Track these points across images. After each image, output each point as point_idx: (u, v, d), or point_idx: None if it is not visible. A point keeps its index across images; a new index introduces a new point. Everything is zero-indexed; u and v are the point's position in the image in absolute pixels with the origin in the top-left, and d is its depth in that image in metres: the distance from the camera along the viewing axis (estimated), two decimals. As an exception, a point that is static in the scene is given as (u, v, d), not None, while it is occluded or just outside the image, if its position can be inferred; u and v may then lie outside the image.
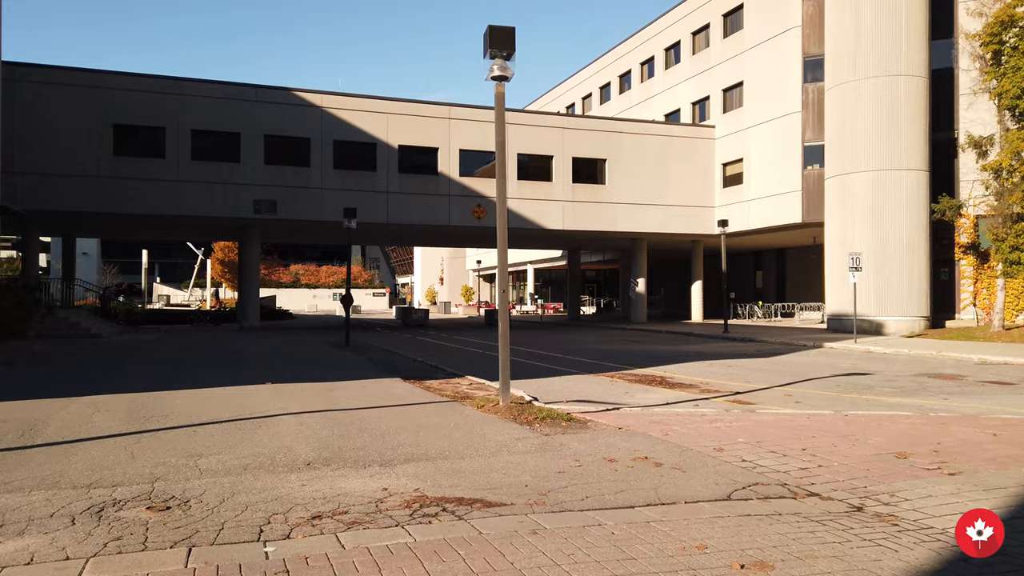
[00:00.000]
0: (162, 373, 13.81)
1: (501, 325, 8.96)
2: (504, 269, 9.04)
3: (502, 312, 9.01)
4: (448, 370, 14.98)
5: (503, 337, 9.00)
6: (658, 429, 8.11)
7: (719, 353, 21.49)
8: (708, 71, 39.48)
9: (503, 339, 9.00)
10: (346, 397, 10.15)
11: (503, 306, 9.03)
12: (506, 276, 8.96)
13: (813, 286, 41.81)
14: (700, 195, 38.48)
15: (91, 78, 30.32)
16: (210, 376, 13.11)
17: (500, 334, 8.96)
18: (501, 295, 8.92)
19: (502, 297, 8.97)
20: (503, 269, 9.06)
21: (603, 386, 13.73)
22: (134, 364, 15.88)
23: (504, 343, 8.97)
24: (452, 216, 34.65)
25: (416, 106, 34.57)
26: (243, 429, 7.55)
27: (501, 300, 8.98)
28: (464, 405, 9.60)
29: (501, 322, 8.99)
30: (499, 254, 9.01)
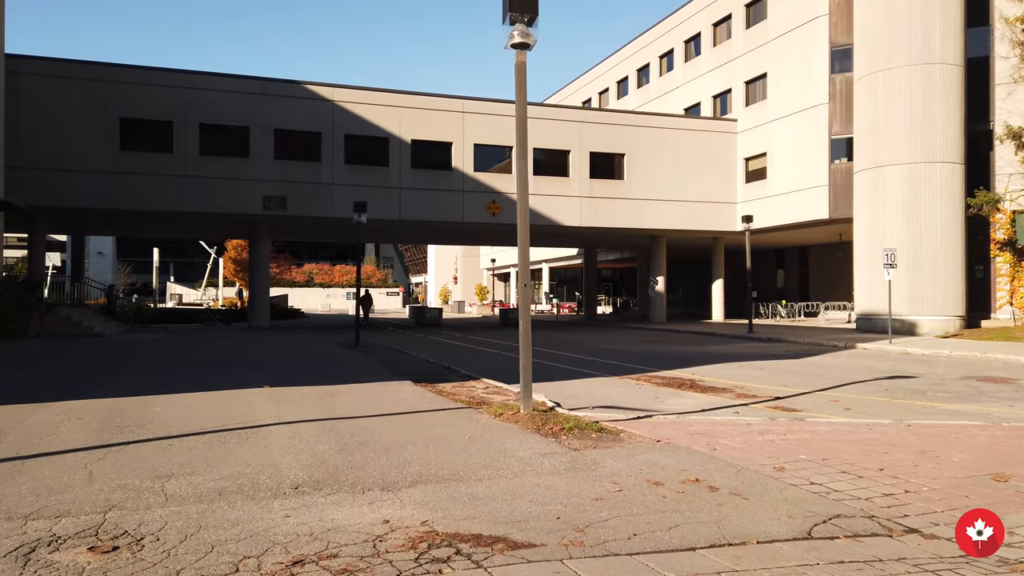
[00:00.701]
0: (153, 375, 12.89)
1: (522, 324, 7.96)
2: (525, 259, 8.03)
3: (524, 310, 8.00)
4: (462, 372, 14.00)
5: (524, 336, 8.00)
6: (703, 442, 7.08)
7: (746, 354, 20.39)
8: (730, 63, 38.30)
9: (524, 339, 7.99)
10: (349, 403, 9.18)
11: (524, 303, 8.02)
12: (527, 268, 7.96)
13: (838, 285, 40.54)
14: (721, 191, 37.31)
15: (98, 71, 29.58)
16: (205, 379, 12.19)
17: (521, 333, 7.96)
18: (523, 290, 7.91)
19: (524, 293, 7.96)
20: (524, 259, 8.05)
21: (629, 390, 12.70)
22: (128, 365, 14.98)
23: (526, 344, 7.97)
24: (466, 213, 33.69)
25: (430, 99, 33.64)
26: (227, 442, 6.58)
27: (523, 296, 7.97)
28: (480, 413, 8.60)
29: (522, 320, 7.99)
30: (520, 243, 8.01)
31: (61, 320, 23.22)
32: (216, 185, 30.70)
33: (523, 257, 8.00)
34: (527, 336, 7.97)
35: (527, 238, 7.93)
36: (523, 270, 8.01)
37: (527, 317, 7.91)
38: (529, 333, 7.92)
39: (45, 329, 22.25)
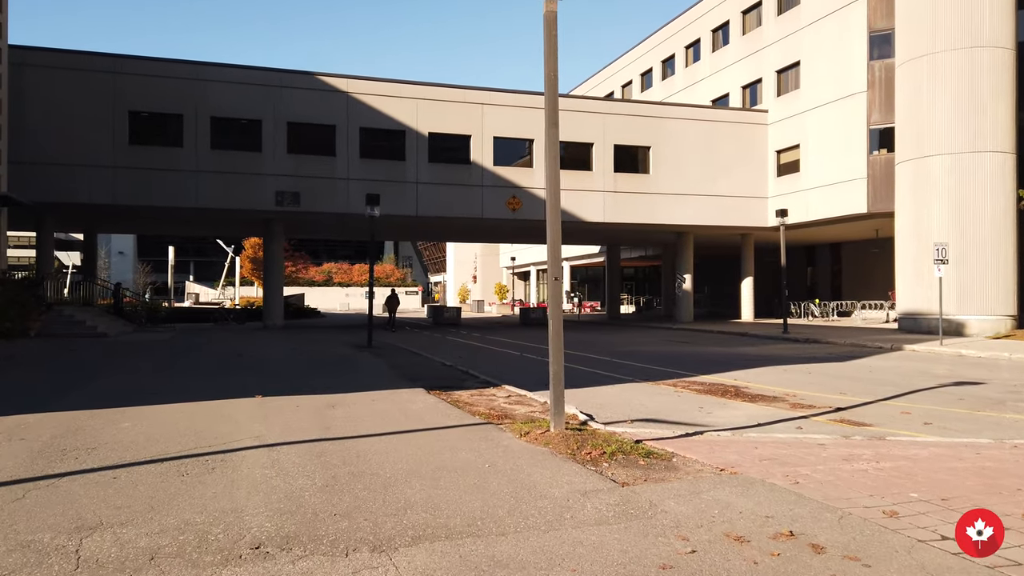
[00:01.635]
0: (139, 381, 11.68)
1: (552, 325, 6.63)
2: (556, 247, 6.69)
3: (554, 308, 6.65)
4: (481, 377, 12.69)
5: (555, 339, 6.66)
6: (778, 472, 5.72)
7: (786, 356, 18.92)
8: (760, 52, 36.69)
9: (555, 343, 6.66)
10: (349, 418, 7.90)
11: (555, 301, 6.67)
12: (558, 258, 6.63)
13: (874, 283, 38.81)
14: (751, 185, 35.73)
15: (105, 63, 28.62)
16: (194, 385, 10.99)
17: (551, 336, 6.63)
18: (553, 285, 6.58)
19: (554, 288, 6.61)
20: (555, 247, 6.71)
21: (668, 398, 11.33)
22: (116, 369, 13.77)
23: (556, 349, 6.64)
24: (485, 208, 32.41)
25: (447, 91, 32.38)
26: (186, 475, 5.32)
27: (553, 292, 6.63)
28: (502, 430, 7.28)
29: (553, 321, 6.65)
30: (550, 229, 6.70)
31: (63, 320, 22.23)
32: (227, 180, 29.67)
33: (553, 245, 6.67)
34: (558, 339, 6.64)
35: (558, 223, 6.63)
36: (553, 261, 6.68)
37: (558, 317, 6.58)
38: (561, 336, 6.59)
39: (45, 329, 21.28)
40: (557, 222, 6.63)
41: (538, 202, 32.82)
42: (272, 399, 9.16)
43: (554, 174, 6.74)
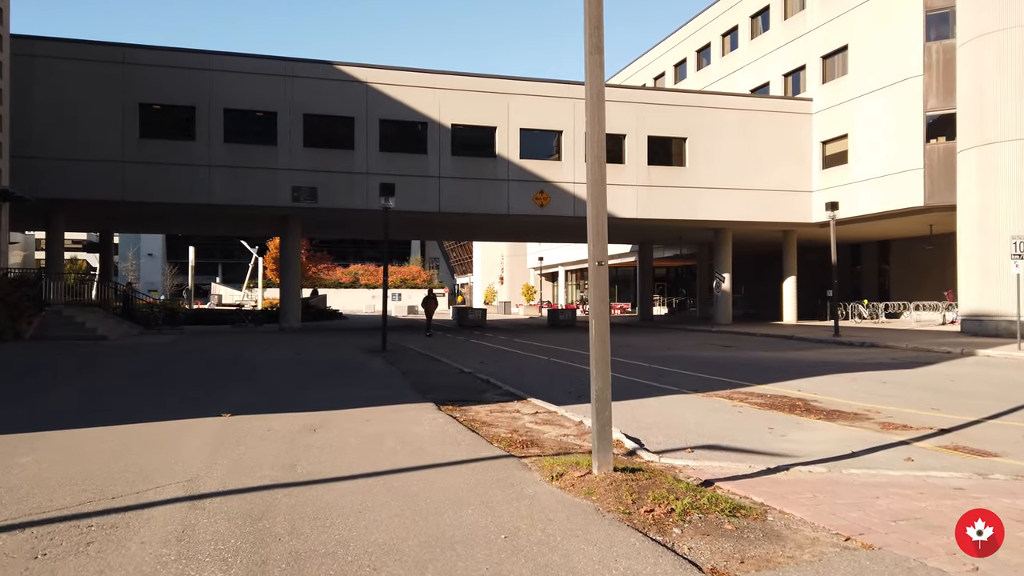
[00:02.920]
0: (96, 394, 9.91)
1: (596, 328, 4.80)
2: (599, 219, 4.87)
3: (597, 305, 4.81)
4: (503, 388, 10.91)
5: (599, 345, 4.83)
6: (936, 545, 3.87)
7: (846, 362, 16.89)
8: (803, 37, 34.50)
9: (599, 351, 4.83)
10: (328, 447, 6.10)
11: (598, 294, 4.83)
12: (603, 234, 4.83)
13: (926, 283, 36.39)
14: (794, 178, 33.55)
15: (114, 53, 27.37)
16: (159, 400, 9.28)
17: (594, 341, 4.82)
18: (596, 272, 4.75)
19: (598, 276, 4.77)
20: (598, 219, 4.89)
21: (726, 414, 9.46)
22: (84, 378, 12.02)
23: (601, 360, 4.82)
24: (511, 204, 30.66)
25: (471, 80, 30.70)
26: (45, 555, 3.46)
27: (596, 279, 4.78)
28: (527, 468, 5.48)
29: (596, 322, 4.82)
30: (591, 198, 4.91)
31: (62, 321, 20.88)
32: (241, 175, 28.29)
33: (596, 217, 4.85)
34: (603, 347, 4.81)
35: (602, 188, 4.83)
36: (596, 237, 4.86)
37: (604, 316, 4.75)
38: (607, 343, 4.78)
39: (41, 331, 19.96)
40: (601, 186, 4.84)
41: (567, 197, 31.02)
42: (243, 419, 7.43)
43: (597, 122, 4.96)
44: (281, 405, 8.53)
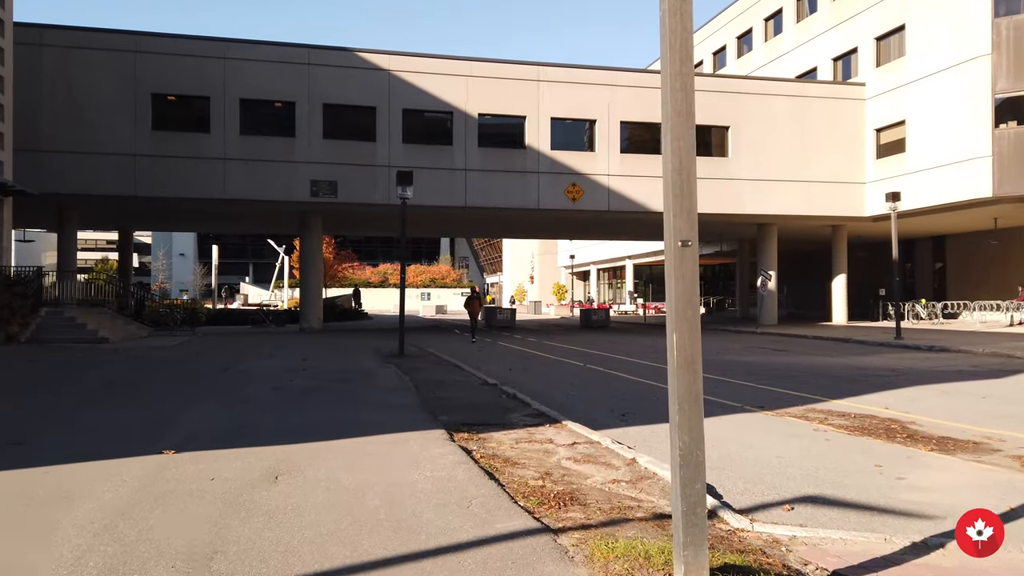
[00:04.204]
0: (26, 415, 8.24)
1: (677, 350, 2.94)
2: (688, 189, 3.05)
3: (682, 306, 2.96)
4: (533, 406, 9.12)
5: (685, 374, 2.98)
6: None
7: (923, 371, 14.81)
8: (855, 17, 32.18)
9: (684, 384, 2.99)
10: (277, 517, 4.18)
11: (683, 293, 2.97)
12: (692, 207, 3.02)
13: (987, 281, 33.85)
14: (845, 169, 31.27)
15: (126, 41, 26.11)
16: (102, 423, 7.49)
17: (674, 368, 2.99)
18: (678, 256, 2.94)
19: (682, 261, 2.95)
20: (683, 190, 3.08)
21: (812, 443, 7.55)
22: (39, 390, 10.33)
23: (688, 400, 2.98)
24: (542, 198, 28.85)
25: (499, 66, 28.94)
26: None
27: (679, 267, 2.95)
28: (567, 559, 3.64)
29: (677, 336, 2.97)
30: (674, 161, 3.10)
31: (62, 323, 19.54)
32: (258, 169, 26.88)
33: (682, 167, 3.04)
34: (691, 378, 2.96)
35: (689, 130, 3.03)
36: (680, 204, 3.04)
37: (692, 327, 2.89)
38: (697, 371, 2.95)
39: (40, 334, 18.62)
40: (688, 118, 3.04)
41: (601, 190, 29.13)
42: (187, 459, 5.66)
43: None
44: (249, 434, 6.78)
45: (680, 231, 2.94)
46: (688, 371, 2.93)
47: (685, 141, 2.97)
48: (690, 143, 2.98)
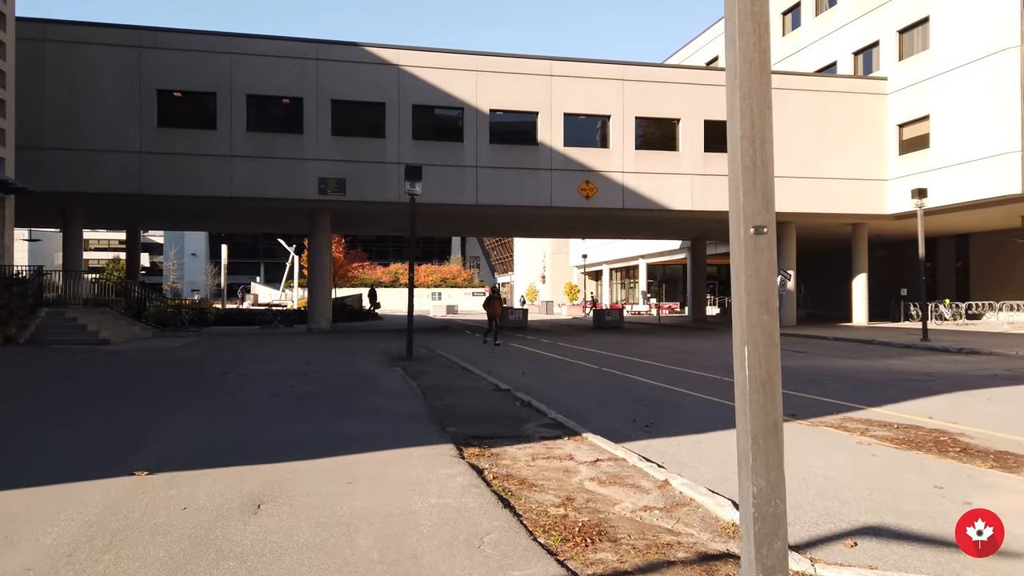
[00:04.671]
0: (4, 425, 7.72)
1: (748, 365, 2.30)
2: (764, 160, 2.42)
3: (755, 321, 2.31)
4: (549, 415, 8.45)
5: (761, 398, 2.35)
6: None
7: (958, 375, 14.03)
8: (877, 10, 31.32)
9: (760, 410, 2.34)
10: (249, 562, 3.65)
11: (756, 295, 2.32)
12: (769, 184, 2.38)
13: (1012, 281, 32.94)
14: (866, 166, 30.41)
15: (131, 36, 25.61)
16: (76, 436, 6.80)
17: (744, 389, 2.35)
18: (750, 243, 2.24)
19: (755, 252, 2.28)
20: (756, 161, 2.43)
21: (858, 458, 6.85)
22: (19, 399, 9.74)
23: (766, 432, 2.33)
24: (554, 195, 28.16)
25: (511, 61, 28.26)
26: None
27: (751, 259, 2.29)
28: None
29: (749, 348, 2.31)
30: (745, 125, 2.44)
31: (63, 324, 19.02)
32: (265, 166, 26.33)
33: (754, 140, 2.39)
34: (769, 403, 2.30)
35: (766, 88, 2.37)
36: (754, 180, 2.38)
37: (770, 338, 2.26)
38: (776, 394, 2.30)
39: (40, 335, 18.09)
40: (764, 69, 2.38)
41: (615, 187, 28.41)
42: (160, 481, 4.97)
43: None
44: (236, 450, 6.10)
45: (752, 214, 2.28)
46: (765, 395, 2.26)
47: (758, 98, 2.32)
48: (764, 100, 2.33)
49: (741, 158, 2.30)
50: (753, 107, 2.31)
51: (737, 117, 2.32)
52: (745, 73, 2.32)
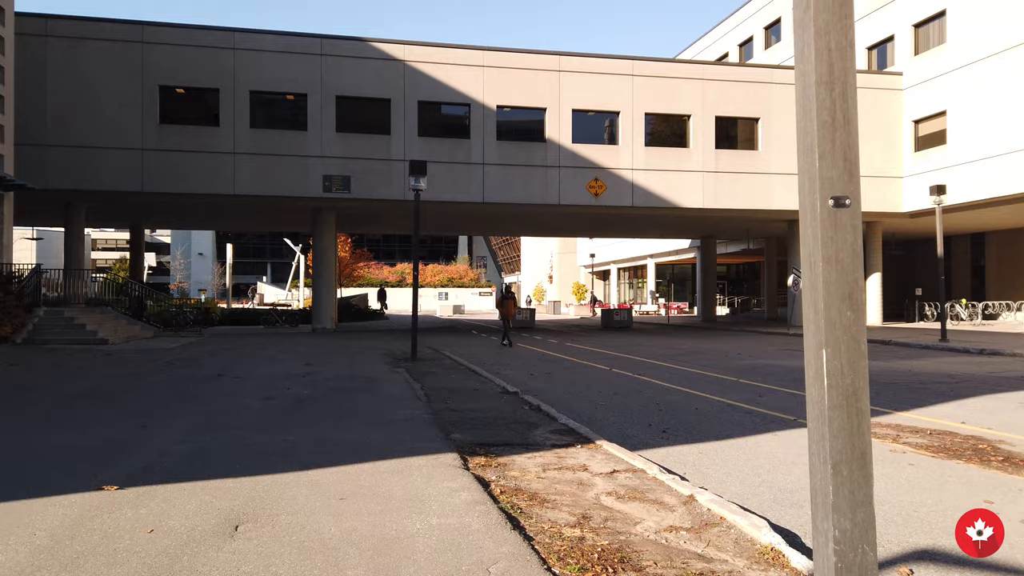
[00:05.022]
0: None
1: (827, 380, 1.81)
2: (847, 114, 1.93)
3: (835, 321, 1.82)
4: (560, 420, 7.94)
5: (844, 417, 1.86)
6: None
7: (983, 377, 13.45)
8: (891, 4, 30.69)
9: (845, 433, 1.85)
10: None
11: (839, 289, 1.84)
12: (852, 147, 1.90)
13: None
14: (881, 163, 29.78)
15: (133, 31, 25.22)
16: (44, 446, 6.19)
17: (820, 407, 1.86)
18: (829, 219, 1.78)
19: (834, 232, 1.83)
20: (836, 117, 1.95)
21: (896, 470, 6.33)
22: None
23: (851, 467, 1.84)
24: (562, 193, 27.65)
25: (518, 56, 27.76)
26: None
27: (832, 242, 1.84)
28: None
29: (829, 351, 1.83)
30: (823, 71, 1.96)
31: (61, 323, 18.62)
32: (269, 163, 25.91)
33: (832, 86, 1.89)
34: (855, 427, 1.82)
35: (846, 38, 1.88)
36: (833, 142, 1.91)
37: (855, 342, 1.79)
38: (863, 415, 1.81)
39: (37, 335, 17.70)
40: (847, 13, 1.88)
41: (624, 185, 27.88)
42: (130, 497, 4.44)
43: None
44: (219, 460, 5.58)
45: (831, 182, 1.79)
46: (849, 413, 1.76)
47: (838, 34, 1.82)
48: (846, 37, 1.83)
49: (817, 111, 1.81)
50: (832, 45, 1.81)
51: (811, 59, 1.82)
52: (821, 3, 1.82)
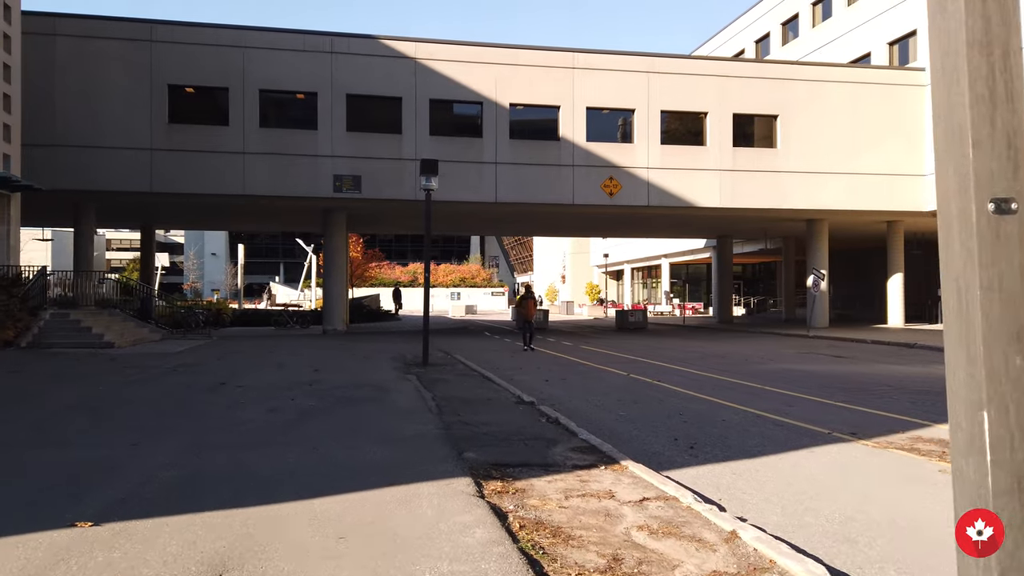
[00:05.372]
0: None
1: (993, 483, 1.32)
2: (1013, 126, 1.44)
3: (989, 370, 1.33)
4: (580, 436, 7.42)
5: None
6: None
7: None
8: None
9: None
10: None
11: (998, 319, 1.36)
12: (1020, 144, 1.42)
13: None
14: (903, 160, 29.04)
15: (141, 30, 24.91)
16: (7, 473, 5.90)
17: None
18: (991, 227, 1.32)
19: (989, 234, 1.34)
20: (1002, 129, 1.45)
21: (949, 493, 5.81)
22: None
23: None
24: (576, 192, 27.12)
25: (531, 54, 27.25)
26: None
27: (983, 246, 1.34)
28: None
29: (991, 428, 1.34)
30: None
31: (67, 327, 18.29)
32: (279, 163, 25.54)
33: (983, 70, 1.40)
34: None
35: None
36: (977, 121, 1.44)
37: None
38: None
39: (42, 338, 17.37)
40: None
41: (640, 184, 27.31)
42: (103, 535, 3.92)
43: None
44: (207, 488, 5.00)
45: (991, 177, 1.26)
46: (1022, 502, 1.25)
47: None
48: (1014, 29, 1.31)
49: (970, 83, 1.29)
50: (988, 4, 1.29)
51: (961, 14, 1.30)
52: None
